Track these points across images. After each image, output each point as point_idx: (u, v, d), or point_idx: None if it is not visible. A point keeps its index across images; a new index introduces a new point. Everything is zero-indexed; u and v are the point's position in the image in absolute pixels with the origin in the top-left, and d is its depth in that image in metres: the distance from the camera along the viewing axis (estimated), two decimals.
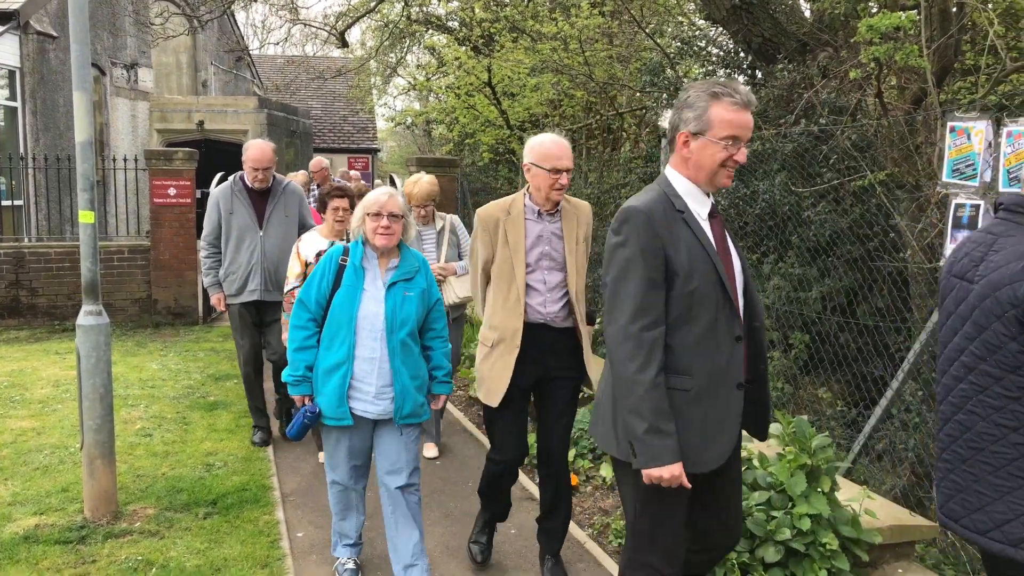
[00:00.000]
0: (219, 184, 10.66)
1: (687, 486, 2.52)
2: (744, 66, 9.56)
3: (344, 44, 16.73)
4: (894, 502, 4.25)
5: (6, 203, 12.25)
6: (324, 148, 25.10)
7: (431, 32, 16.05)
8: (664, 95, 10.11)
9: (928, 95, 5.57)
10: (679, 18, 11.37)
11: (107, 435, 4.51)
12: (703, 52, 10.54)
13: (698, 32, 11.13)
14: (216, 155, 17.27)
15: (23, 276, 10.26)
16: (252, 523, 4.55)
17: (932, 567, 3.93)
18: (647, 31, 10.52)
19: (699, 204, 2.65)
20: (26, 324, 10.24)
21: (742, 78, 9.96)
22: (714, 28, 10.39)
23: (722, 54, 10.17)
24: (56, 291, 10.36)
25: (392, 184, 14.37)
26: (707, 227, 2.64)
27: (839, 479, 3.87)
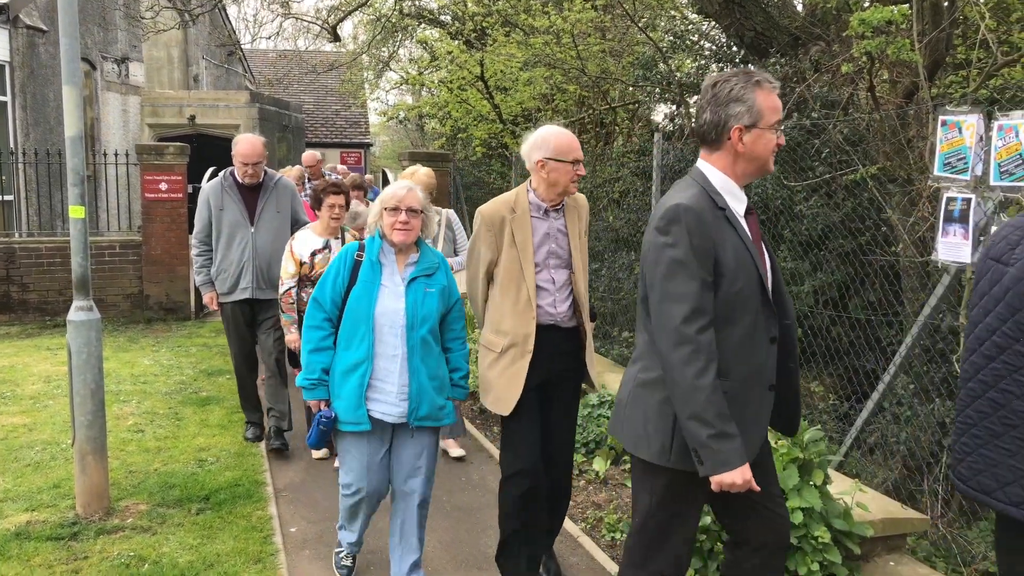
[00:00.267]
0: (211, 179, 10.67)
1: (756, 488, 2.46)
2: (736, 60, 9.56)
3: (336, 38, 16.69)
4: (886, 495, 4.27)
5: None
6: (316, 143, 25.01)
7: (423, 26, 16.01)
8: (657, 89, 10.11)
9: (920, 89, 5.58)
10: (672, 12, 11.37)
11: (99, 431, 4.50)
12: (696, 46, 10.54)
13: (691, 26, 11.13)
14: (208, 150, 17.20)
15: (13, 271, 10.21)
16: (245, 519, 4.54)
17: (923, 559, 3.95)
18: (640, 25, 10.51)
19: (737, 201, 2.58)
20: (17, 320, 10.20)
21: None
22: (707, 22, 10.38)
23: (714, 48, 10.18)
24: (47, 286, 10.32)
25: (385, 179, 14.34)
26: (745, 225, 2.59)
27: (831, 472, 3.88)
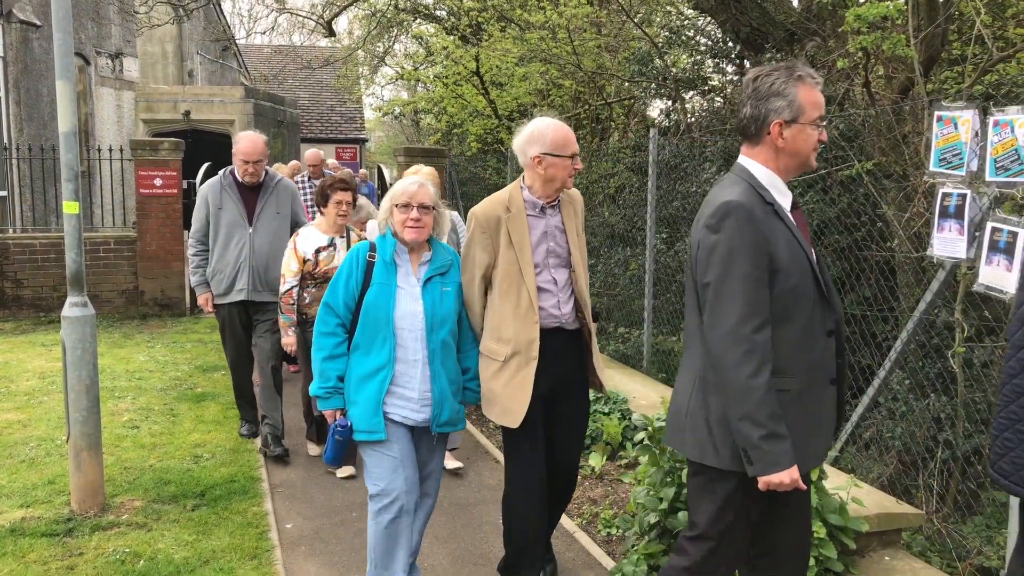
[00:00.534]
0: (205, 175, 10.64)
1: (803, 487, 2.45)
2: (732, 56, 9.56)
3: (331, 33, 16.64)
4: (881, 490, 4.29)
5: None
6: (311, 138, 24.97)
7: (419, 21, 15.97)
8: (652, 85, 10.11)
9: (915, 84, 5.58)
10: (667, 7, 11.35)
11: (94, 427, 4.49)
12: (691, 42, 10.53)
13: (686, 21, 11.11)
14: (203, 145, 17.18)
15: (8, 267, 10.18)
16: (240, 515, 4.54)
17: (918, 554, 3.96)
18: (635, 20, 10.49)
19: (782, 196, 2.57)
20: (11, 316, 10.17)
21: (730, 68, 9.98)
22: (702, 18, 10.37)
23: (710, 44, 10.17)
24: (41, 282, 10.29)
25: (380, 175, 14.33)
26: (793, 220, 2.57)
27: (826, 468, 3.89)
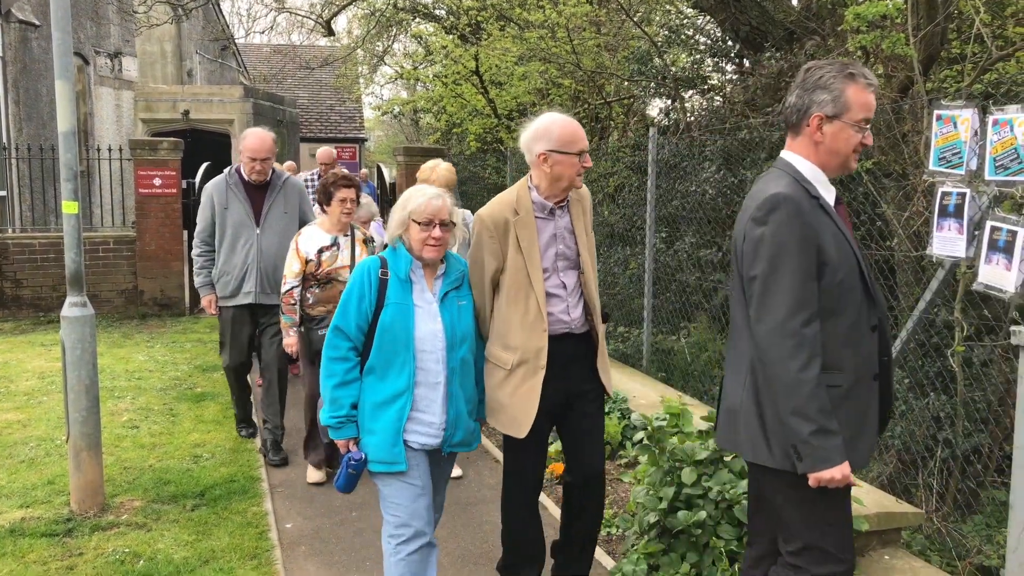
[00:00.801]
0: (205, 174, 10.63)
1: (854, 483, 2.42)
2: (732, 55, 9.56)
3: (330, 33, 16.64)
4: (881, 489, 4.28)
5: None
6: (311, 138, 24.98)
7: (418, 20, 15.96)
8: (652, 84, 10.11)
9: (915, 83, 5.58)
10: (667, 6, 11.35)
11: (93, 427, 4.48)
12: (691, 41, 10.53)
13: (686, 20, 11.11)
14: (202, 145, 17.17)
15: (7, 267, 10.18)
16: (240, 515, 4.53)
17: (918, 553, 3.96)
18: (635, 19, 10.49)
19: (826, 191, 2.53)
20: (10, 316, 10.17)
21: (730, 67, 9.98)
22: (702, 17, 10.37)
23: (709, 43, 10.16)
24: (40, 282, 10.29)
25: (379, 174, 14.30)
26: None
27: None
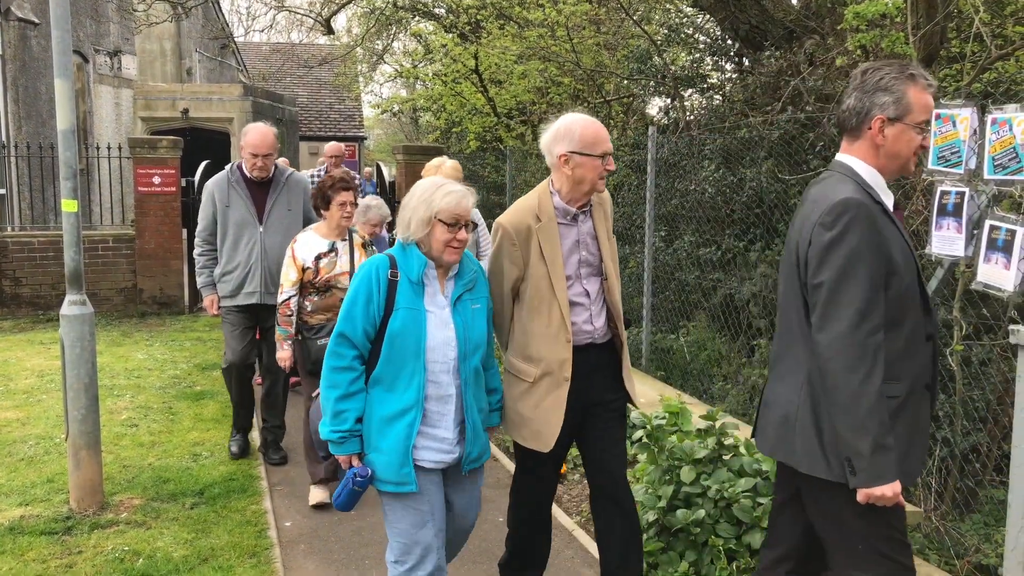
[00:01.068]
0: (204, 172, 10.63)
1: (904, 504, 2.37)
2: (731, 53, 9.57)
3: (330, 31, 16.63)
4: None
5: None
6: (310, 136, 24.99)
7: (418, 19, 15.96)
8: (651, 83, 10.11)
9: None
10: (666, 5, 11.35)
11: (92, 425, 4.49)
12: (690, 40, 10.53)
13: (685, 19, 11.11)
14: (201, 143, 17.16)
15: (6, 265, 10.17)
16: (239, 513, 4.54)
17: (917, 552, 3.96)
18: (634, 18, 10.49)
19: (886, 196, 2.44)
20: (10, 314, 10.17)
21: (729, 65, 9.98)
22: (701, 15, 10.37)
23: (709, 41, 10.17)
24: (40, 281, 10.28)
25: (379, 173, 14.29)
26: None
27: None
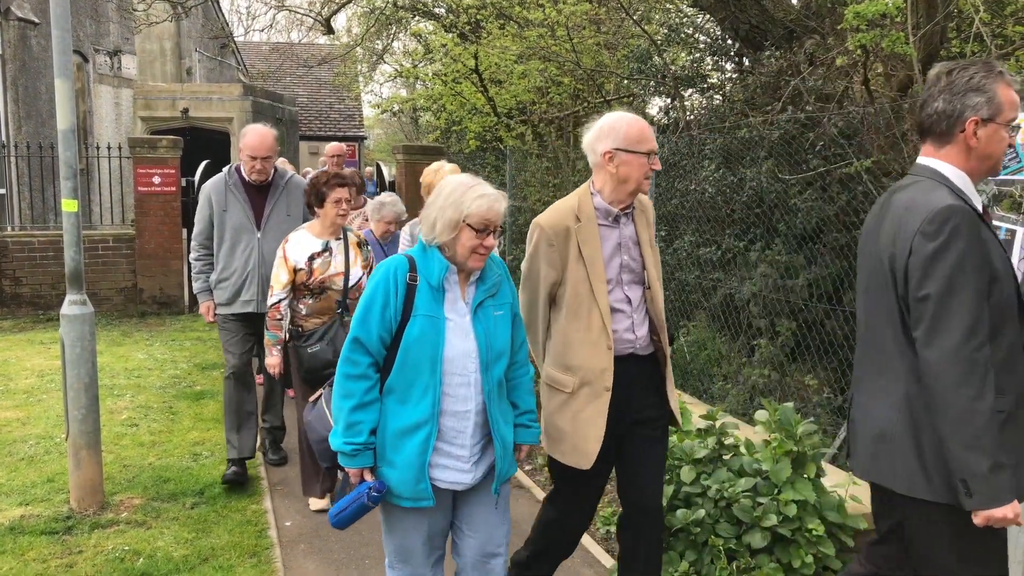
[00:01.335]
0: (204, 172, 10.62)
1: (1021, 524, 2.24)
2: (731, 53, 9.56)
3: (330, 31, 16.61)
4: None
5: None
6: (310, 136, 24.99)
7: (418, 19, 15.95)
8: (652, 83, 10.10)
9: (914, 82, 5.59)
10: (666, 5, 11.34)
11: (92, 425, 4.49)
12: (690, 39, 10.53)
13: (685, 19, 11.11)
14: (201, 143, 17.15)
15: (6, 265, 10.18)
16: (239, 512, 4.54)
17: None
18: (634, 18, 10.49)
19: (977, 200, 2.33)
20: (10, 314, 10.17)
21: (729, 65, 9.98)
22: (701, 15, 10.37)
23: (709, 41, 10.17)
24: (40, 280, 10.29)
25: (379, 173, 14.30)
26: None
27: (825, 465, 3.89)
